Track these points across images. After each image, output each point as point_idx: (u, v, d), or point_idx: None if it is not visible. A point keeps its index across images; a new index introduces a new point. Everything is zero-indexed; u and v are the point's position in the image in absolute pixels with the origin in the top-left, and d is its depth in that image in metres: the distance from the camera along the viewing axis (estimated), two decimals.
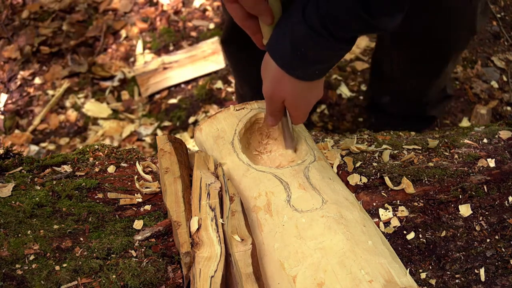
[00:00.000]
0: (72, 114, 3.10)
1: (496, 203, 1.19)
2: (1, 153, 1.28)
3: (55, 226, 1.05)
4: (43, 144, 2.98)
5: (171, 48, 3.24)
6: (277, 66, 1.02)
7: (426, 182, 1.22)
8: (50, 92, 3.22)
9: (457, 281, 1.08)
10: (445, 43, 1.72)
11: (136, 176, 1.23)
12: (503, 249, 1.12)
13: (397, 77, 1.96)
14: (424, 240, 1.12)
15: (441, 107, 2.15)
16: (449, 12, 1.57)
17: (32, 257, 0.98)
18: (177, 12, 3.40)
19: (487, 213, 1.17)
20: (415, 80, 1.93)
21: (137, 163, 1.27)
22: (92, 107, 3.08)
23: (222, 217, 1.06)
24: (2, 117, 3.14)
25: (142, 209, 1.15)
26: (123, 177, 1.25)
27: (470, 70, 2.64)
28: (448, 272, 1.09)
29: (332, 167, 1.26)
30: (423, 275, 1.08)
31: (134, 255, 1.03)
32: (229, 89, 2.85)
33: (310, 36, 0.93)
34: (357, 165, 1.27)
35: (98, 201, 1.15)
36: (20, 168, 1.24)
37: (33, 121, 3.10)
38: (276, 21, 1.01)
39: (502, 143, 1.36)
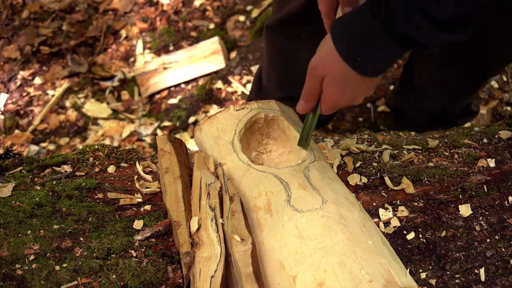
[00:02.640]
0: (72, 114, 3.10)
1: (496, 203, 1.19)
2: (1, 153, 1.28)
3: (55, 226, 1.05)
4: (43, 144, 2.98)
5: (171, 48, 3.24)
6: (332, 44, 1.01)
7: (426, 182, 1.22)
8: (50, 92, 3.22)
9: (457, 281, 1.08)
10: (482, 69, 1.74)
11: (136, 176, 1.23)
12: (503, 249, 1.12)
13: (426, 91, 1.99)
14: (424, 240, 1.12)
15: (463, 121, 2.17)
16: (494, 42, 1.59)
17: (32, 257, 0.98)
18: (177, 12, 3.40)
19: (487, 213, 1.17)
20: (444, 97, 1.96)
21: (137, 163, 1.27)
22: (92, 107, 3.09)
23: (222, 217, 1.06)
24: (2, 117, 3.14)
25: (142, 209, 1.15)
26: (123, 177, 1.25)
27: None
28: (448, 272, 1.09)
29: (332, 167, 1.26)
30: (423, 275, 1.08)
31: (134, 255, 1.03)
32: (229, 89, 2.85)
33: (368, 20, 0.94)
34: (357, 165, 1.27)
35: (98, 201, 1.15)
36: (20, 168, 1.24)
37: (33, 121, 3.10)
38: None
39: (502, 143, 1.36)
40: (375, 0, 0.93)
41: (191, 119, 2.82)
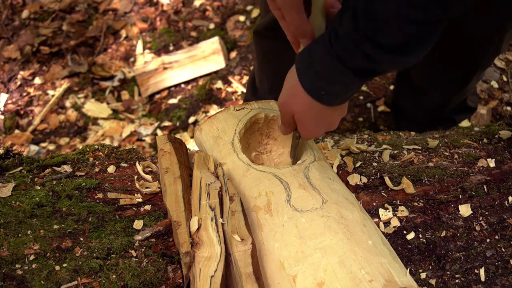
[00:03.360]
0: (72, 114, 3.10)
1: (496, 203, 1.19)
2: (1, 153, 1.28)
3: (55, 226, 1.05)
4: (43, 144, 2.98)
5: (171, 48, 3.24)
6: (297, 78, 1.02)
7: (426, 182, 1.22)
8: (50, 92, 3.22)
9: (457, 281, 1.08)
10: (471, 61, 1.77)
11: (136, 176, 1.23)
12: (503, 249, 1.12)
13: (424, 88, 2.02)
14: (424, 240, 1.12)
15: (460, 117, 2.19)
16: (479, 33, 1.61)
17: (32, 257, 0.98)
18: (177, 12, 3.40)
19: (487, 213, 1.17)
20: (438, 91, 1.99)
21: (137, 163, 1.27)
22: (92, 107, 3.09)
23: (222, 217, 1.06)
24: (2, 117, 3.14)
25: (142, 209, 1.15)
26: (123, 177, 1.25)
27: None
28: (448, 272, 1.09)
29: (332, 167, 1.26)
30: (423, 275, 1.08)
31: (134, 255, 1.03)
32: (229, 89, 2.85)
33: (324, 56, 0.94)
34: (357, 165, 1.27)
35: (98, 201, 1.15)
36: (20, 168, 1.24)
37: (33, 121, 3.10)
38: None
39: (502, 143, 1.36)
40: (328, 34, 0.93)
41: (191, 119, 2.82)
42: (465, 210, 1.16)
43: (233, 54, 3.08)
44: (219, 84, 2.87)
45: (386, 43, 0.86)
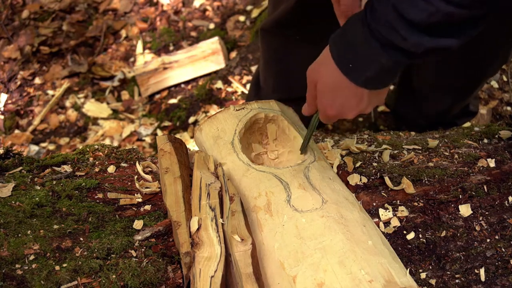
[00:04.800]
0: (72, 114, 3.10)
1: (496, 203, 1.19)
2: (1, 153, 1.28)
3: (55, 226, 1.05)
4: (43, 144, 2.98)
5: (171, 48, 3.24)
6: (329, 47, 1.01)
7: (426, 182, 1.22)
8: (50, 92, 3.22)
9: (457, 281, 1.08)
10: (478, 69, 1.74)
11: (136, 176, 1.23)
12: (503, 249, 1.12)
13: (425, 94, 1.99)
14: (424, 240, 1.12)
15: (462, 121, 2.18)
16: (489, 43, 1.59)
17: (32, 257, 0.98)
18: (177, 12, 3.40)
19: (487, 213, 1.17)
20: (442, 100, 1.96)
21: (137, 163, 1.27)
22: (92, 107, 3.09)
23: (222, 217, 1.06)
24: (2, 117, 3.14)
25: (142, 209, 1.15)
26: (123, 177, 1.25)
27: None
28: (448, 272, 1.09)
29: (332, 167, 1.26)
30: (423, 275, 1.08)
31: (134, 255, 1.03)
32: (229, 89, 2.85)
33: (358, 26, 0.92)
34: (357, 165, 1.27)
35: (98, 201, 1.15)
36: (20, 168, 1.24)
37: (33, 121, 3.10)
38: None
39: (502, 143, 1.36)
40: (366, 6, 0.92)
41: (191, 119, 2.82)
42: (465, 210, 1.16)
43: (233, 54, 3.08)
44: (219, 84, 2.87)
45: (409, 16, 0.83)
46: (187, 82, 3.05)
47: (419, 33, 0.85)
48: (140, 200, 1.17)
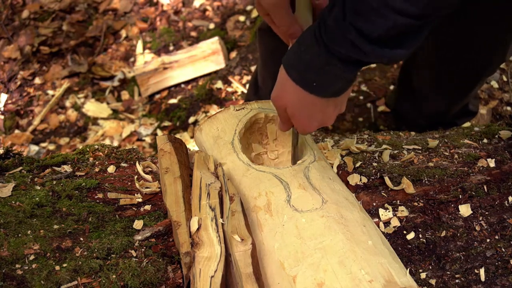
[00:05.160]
0: (72, 114, 3.10)
1: (496, 203, 1.19)
2: (1, 153, 1.28)
3: (55, 226, 1.05)
4: (43, 144, 2.99)
5: (171, 48, 3.24)
6: (285, 71, 1.02)
7: (426, 182, 1.22)
8: (50, 92, 3.22)
9: (457, 281, 1.08)
10: (476, 68, 1.75)
11: (136, 176, 1.23)
12: (503, 249, 1.12)
13: (425, 94, 2.00)
14: (424, 240, 1.12)
15: (462, 121, 2.18)
16: (485, 41, 1.59)
17: (32, 257, 0.98)
18: (177, 12, 3.40)
19: (487, 213, 1.17)
20: (441, 98, 1.97)
21: (137, 163, 1.27)
22: (92, 107, 3.09)
23: (222, 217, 1.06)
24: (2, 117, 3.14)
25: (142, 209, 1.15)
26: (123, 177, 1.25)
27: None
28: (448, 272, 1.09)
29: (332, 167, 1.26)
30: (423, 275, 1.08)
31: (134, 255, 1.03)
32: (229, 89, 2.85)
33: (313, 46, 0.93)
34: (357, 165, 1.27)
35: (98, 201, 1.15)
36: (20, 168, 1.24)
37: (33, 121, 3.10)
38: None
39: (502, 143, 1.36)
40: (317, 24, 0.93)
41: (191, 119, 2.82)
42: (465, 210, 1.16)
43: (233, 54, 3.08)
44: (219, 84, 2.87)
45: (370, 33, 0.85)
46: (187, 82, 3.05)
47: (380, 47, 0.87)
48: (140, 200, 1.17)
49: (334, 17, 0.88)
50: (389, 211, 1.16)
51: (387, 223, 1.14)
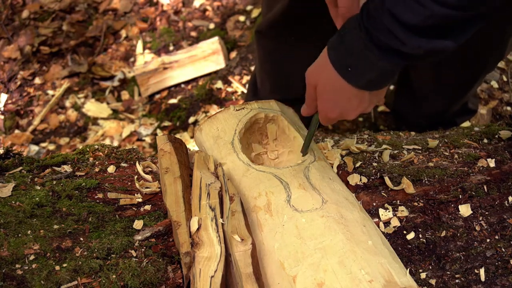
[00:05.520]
0: (72, 114, 3.10)
1: (496, 203, 1.19)
2: (1, 153, 1.28)
3: (55, 226, 1.05)
4: (43, 144, 2.98)
5: (171, 48, 3.24)
6: (326, 50, 1.01)
7: (426, 182, 1.22)
8: (50, 92, 3.22)
9: (457, 281, 1.08)
10: (475, 66, 1.75)
11: (136, 176, 1.23)
12: (503, 249, 1.12)
13: (424, 94, 2.00)
14: (424, 240, 1.12)
15: (461, 119, 2.18)
16: (484, 39, 1.59)
17: (32, 257, 0.98)
18: (177, 12, 3.40)
19: (487, 213, 1.17)
20: (440, 97, 1.97)
21: (137, 163, 1.27)
22: (92, 107, 3.09)
23: (222, 217, 1.06)
24: (2, 117, 3.14)
25: (142, 209, 1.15)
26: (123, 177, 1.25)
27: None
28: (448, 272, 1.09)
29: (332, 167, 1.26)
30: (423, 275, 1.08)
31: (134, 255, 1.03)
32: (229, 89, 2.85)
33: (355, 29, 0.93)
34: (357, 165, 1.27)
35: (98, 201, 1.15)
36: (20, 168, 1.24)
37: (33, 121, 3.10)
38: None
39: (502, 143, 1.36)
40: (361, 9, 0.92)
41: (191, 119, 2.82)
42: (465, 210, 1.16)
43: (233, 54, 3.08)
44: (219, 84, 2.87)
45: (405, 20, 0.83)
46: (187, 82, 3.05)
47: (416, 36, 0.85)
48: (140, 200, 1.17)
49: (375, 2, 0.87)
50: (389, 211, 1.16)
51: (387, 223, 1.14)
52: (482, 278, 1.08)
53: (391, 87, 2.55)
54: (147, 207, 1.15)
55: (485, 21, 0.86)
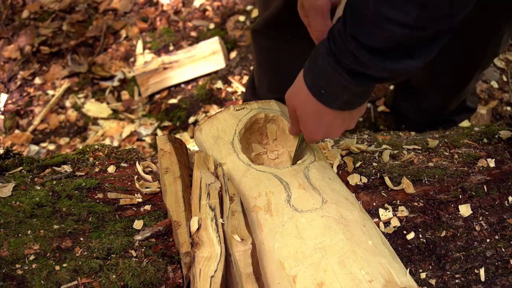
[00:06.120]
0: (72, 114, 3.10)
1: (496, 203, 1.19)
2: (1, 153, 1.28)
3: (55, 226, 1.05)
4: (43, 144, 2.99)
5: (171, 48, 3.24)
6: (303, 73, 1.03)
7: (426, 182, 1.22)
8: (50, 92, 3.22)
9: (457, 281, 1.08)
10: (470, 63, 1.76)
11: (136, 176, 1.23)
12: (503, 249, 1.12)
13: (423, 91, 2.01)
14: (424, 240, 1.12)
15: (460, 117, 2.19)
16: (479, 36, 1.60)
17: (32, 257, 0.98)
18: (177, 12, 3.40)
19: (487, 213, 1.17)
20: (437, 94, 1.99)
21: (137, 163, 1.27)
22: (92, 107, 3.09)
23: (222, 217, 1.06)
24: (2, 117, 3.14)
25: (142, 209, 1.15)
26: (123, 177, 1.25)
27: None
28: (448, 272, 1.09)
29: (332, 167, 1.26)
30: (423, 275, 1.08)
31: (134, 255, 1.03)
32: (229, 89, 2.86)
33: (324, 54, 0.94)
34: (357, 165, 1.27)
35: (98, 201, 1.15)
36: (20, 168, 1.24)
37: (33, 121, 3.10)
38: None
39: (502, 143, 1.36)
40: (328, 34, 0.93)
41: (191, 119, 2.82)
42: (465, 210, 1.16)
43: (233, 54, 3.08)
44: (219, 84, 2.87)
45: (367, 43, 0.84)
46: (187, 82, 3.05)
47: (380, 58, 0.86)
48: (140, 200, 1.17)
49: (338, 28, 0.89)
50: (389, 211, 1.16)
51: (387, 223, 1.14)
52: (482, 278, 1.08)
53: (391, 86, 2.55)
54: (147, 207, 1.15)
55: (447, 38, 0.86)
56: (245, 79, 2.85)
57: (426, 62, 0.88)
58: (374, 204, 1.18)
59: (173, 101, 2.97)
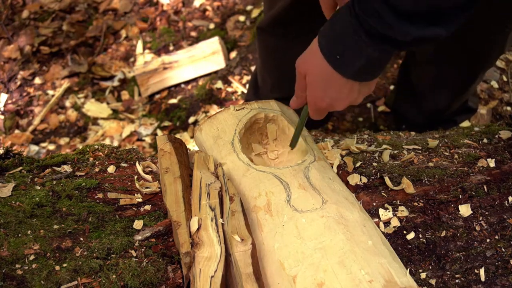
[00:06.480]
0: (72, 114, 3.10)
1: (496, 203, 1.19)
2: (1, 153, 1.28)
3: (55, 226, 1.05)
4: (43, 144, 2.99)
5: (171, 48, 3.24)
6: (317, 39, 1.01)
7: (426, 182, 1.22)
8: (50, 92, 3.22)
9: (457, 281, 1.08)
10: (475, 63, 1.74)
11: (136, 176, 1.23)
12: (503, 249, 1.12)
13: (424, 92, 2.00)
14: (424, 240, 1.12)
15: (461, 118, 2.18)
16: (485, 34, 1.59)
17: (32, 257, 0.98)
18: (177, 12, 3.40)
19: (487, 213, 1.17)
20: (440, 95, 1.97)
21: (137, 163, 1.27)
22: (92, 107, 3.09)
23: (222, 217, 1.06)
24: (2, 117, 3.14)
25: (142, 209, 1.15)
26: (123, 177, 1.25)
27: None
28: (448, 272, 1.09)
29: (332, 167, 1.26)
30: (423, 275, 1.08)
31: (134, 255, 1.03)
32: (229, 89, 2.85)
33: (345, 16, 0.92)
34: (357, 165, 1.27)
35: (98, 201, 1.15)
36: (20, 168, 1.24)
37: (33, 121, 3.10)
38: None
39: (502, 143, 1.36)
40: None
41: (191, 119, 2.82)
42: (465, 210, 1.16)
43: (233, 54, 3.08)
44: (219, 84, 2.87)
45: (395, 5, 0.82)
46: (187, 82, 3.05)
47: (406, 21, 0.84)
48: (140, 200, 1.17)
49: None
50: (389, 211, 1.16)
51: (387, 223, 1.14)
52: (482, 278, 1.08)
53: (391, 87, 2.55)
54: (147, 207, 1.15)
55: (473, 9, 0.85)
56: (245, 79, 2.85)
57: (449, 33, 0.86)
58: (374, 204, 1.18)
59: (173, 101, 2.97)
